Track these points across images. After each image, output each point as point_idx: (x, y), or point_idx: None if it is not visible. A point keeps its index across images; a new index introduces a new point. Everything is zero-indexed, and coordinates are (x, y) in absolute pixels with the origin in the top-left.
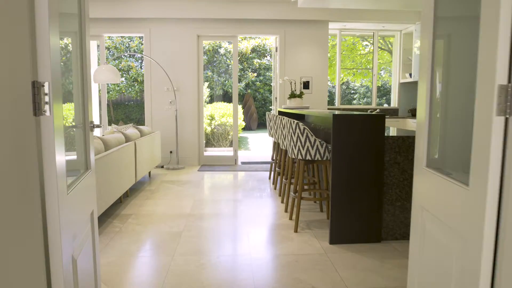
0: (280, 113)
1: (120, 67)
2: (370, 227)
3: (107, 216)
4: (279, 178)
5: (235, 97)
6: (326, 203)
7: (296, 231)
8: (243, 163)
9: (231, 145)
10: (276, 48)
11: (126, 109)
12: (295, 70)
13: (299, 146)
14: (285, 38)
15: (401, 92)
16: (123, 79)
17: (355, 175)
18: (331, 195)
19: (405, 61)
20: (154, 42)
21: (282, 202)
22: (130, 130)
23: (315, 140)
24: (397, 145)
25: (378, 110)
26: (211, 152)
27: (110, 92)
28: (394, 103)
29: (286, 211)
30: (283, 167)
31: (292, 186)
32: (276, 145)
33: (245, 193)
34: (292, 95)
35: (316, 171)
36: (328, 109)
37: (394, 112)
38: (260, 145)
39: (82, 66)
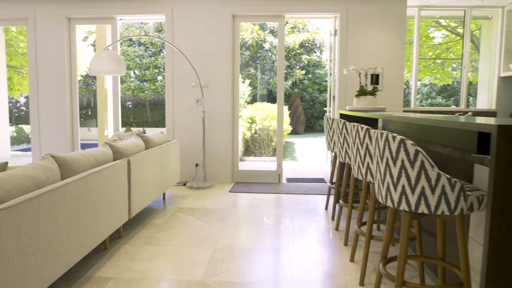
0: (342, 116)
1: (156, 63)
2: None
3: (72, 280)
4: (336, 205)
5: (280, 96)
6: None
7: None
8: (288, 180)
9: (274, 154)
10: (335, 31)
11: (164, 110)
12: (360, 60)
13: (403, 186)
14: (347, 18)
15: (501, 89)
16: (160, 77)
17: None
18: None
19: (510, 47)
20: (177, 26)
21: (352, 260)
22: (131, 140)
23: (438, 177)
24: None
25: (470, 113)
26: (249, 162)
27: (146, 91)
28: (489, 103)
29: (362, 284)
30: (352, 195)
31: (361, 226)
32: (334, 160)
33: (291, 235)
34: (362, 92)
35: (425, 227)
36: (404, 111)
37: (491, 115)
38: (308, 153)
39: None
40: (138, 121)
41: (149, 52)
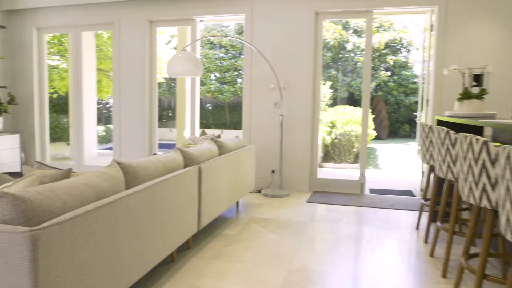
0: (440, 123)
1: (235, 66)
2: None
3: None
4: (431, 225)
5: (365, 99)
6: None
7: None
8: (372, 191)
9: (355, 161)
10: (431, 27)
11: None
12: (461, 59)
13: None
14: (446, 10)
15: None
16: (240, 79)
17: None
18: None
19: None
20: (257, 25)
21: None
22: (204, 145)
23: None
24: None
25: None
26: (328, 170)
27: (225, 94)
28: None
29: None
30: (455, 218)
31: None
32: (429, 173)
33: (377, 258)
34: (466, 95)
35: None
36: None
37: None
38: (392, 161)
39: None
40: (217, 123)
41: (230, 54)
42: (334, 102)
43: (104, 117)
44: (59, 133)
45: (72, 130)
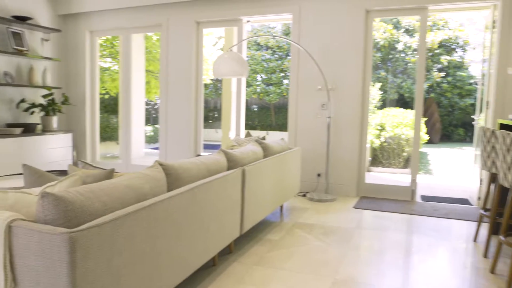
0: (503, 127)
1: (282, 67)
2: None
3: None
4: (491, 238)
5: (418, 101)
6: None
7: None
8: (424, 198)
9: (405, 166)
10: (493, 23)
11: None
12: None
13: None
14: (511, 5)
15: None
16: (286, 81)
17: None
18: None
19: None
20: (304, 25)
21: None
22: (248, 147)
23: None
24: None
25: None
26: (376, 174)
27: (271, 95)
28: None
29: None
30: None
31: None
32: (489, 181)
33: (430, 272)
34: None
35: None
36: None
37: None
38: (446, 167)
39: None
40: (263, 124)
41: (276, 55)
42: (383, 104)
43: (152, 117)
44: (109, 133)
45: (121, 130)
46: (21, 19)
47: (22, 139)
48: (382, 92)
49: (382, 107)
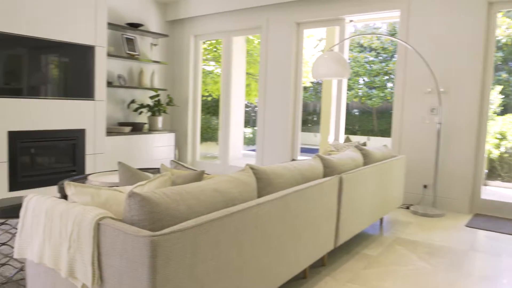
0: None
1: (386, 70)
2: None
3: None
4: None
5: None
6: None
7: None
8: None
9: None
10: None
11: (390, 118)
12: None
13: None
14: None
15: None
16: (390, 84)
17: None
18: None
19: None
20: (413, 21)
21: None
22: (347, 153)
23: None
24: None
25: None
26: (494, 189)
27: (373, 99)
28: None
29: None
30: None
31: None
32: None
33: None
34: None
35: None
36: None
37: None
38: None
39: None
40: (364, 130)
41: (380, 57)
42: (504, 110)
43: (252, 119)
44: (210, 133)
45: (220, 131)
46: (134, 26)
47: (131, 137)
48: (503, 96)
49: (502, 113)
